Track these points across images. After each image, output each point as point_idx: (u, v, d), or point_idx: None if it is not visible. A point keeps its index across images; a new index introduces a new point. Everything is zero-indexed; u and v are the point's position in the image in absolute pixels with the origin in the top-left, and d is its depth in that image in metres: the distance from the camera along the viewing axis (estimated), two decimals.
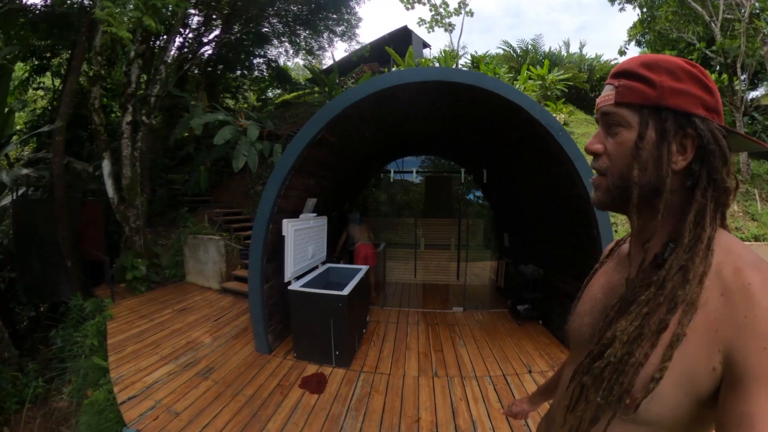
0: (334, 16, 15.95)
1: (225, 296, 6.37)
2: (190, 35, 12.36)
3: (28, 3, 9.31)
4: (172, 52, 8.60)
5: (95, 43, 6.86)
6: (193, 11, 12.22)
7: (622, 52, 24.71)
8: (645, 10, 21.57)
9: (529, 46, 17.84)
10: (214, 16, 11.92)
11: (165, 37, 9.03)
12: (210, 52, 13.54)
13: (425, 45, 22.71)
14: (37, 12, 9.70)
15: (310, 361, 4.01)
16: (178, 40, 11.67)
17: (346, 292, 3.90)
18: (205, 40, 12.26)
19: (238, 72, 16.20)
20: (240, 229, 8.07)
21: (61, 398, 5.57)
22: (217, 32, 12.42)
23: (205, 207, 9.12)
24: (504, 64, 16.11)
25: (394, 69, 15.29)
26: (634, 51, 24.81)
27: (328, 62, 19.10)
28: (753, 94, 14.63)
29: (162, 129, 12.69)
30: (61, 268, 7.77)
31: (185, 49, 11.84)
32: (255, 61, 16.43)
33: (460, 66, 15.85)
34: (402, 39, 19.75)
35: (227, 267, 6.76)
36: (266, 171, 9.37)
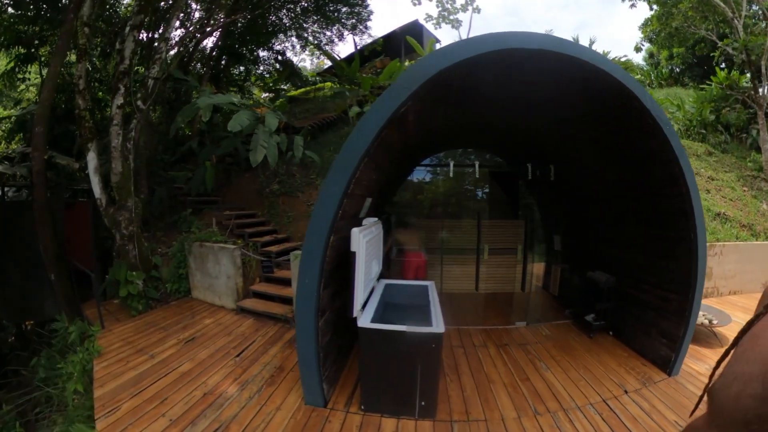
0: (344, 8, 15.12)
1: (243, 318, 5.15)
2: (191, 29, 11.19)
3: None
4: (174, 30, 7.44)
5: (82, 13, 5.68)
6: (194, 6, 11.16)
7: (638, 49, 24.10)
8: (656, 7, 20.81)
9: None
10: (216, 10, 10.74)
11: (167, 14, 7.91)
12: (214, 40, 12.44)
13: (435, 40, 21.83)
14: None
15: (384, 413, 2.95)
16: (179, 32, 10.50)
17: (439, 328, 2.80)
18: (209, 27, 11.05)
19: (242, 68, 15.19)
20: (255, 234, 6.84)
21: None
22: (221, 21, 11.25)
23: (211, 208, 7.90)
24: None
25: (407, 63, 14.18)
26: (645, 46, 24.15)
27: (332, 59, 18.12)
28: None
29: (162, 124, 11.49)
30: (45, 282, 6.60)
31: (188, 39, 10.64)
32: (262, 54, 15.39)
33: None
34: (413, 33, 18.86)
35: (244, 281, 5.54)
36: (281, 168, 8.19)
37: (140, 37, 7.27)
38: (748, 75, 13.19)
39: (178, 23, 10.23)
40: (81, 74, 5.63)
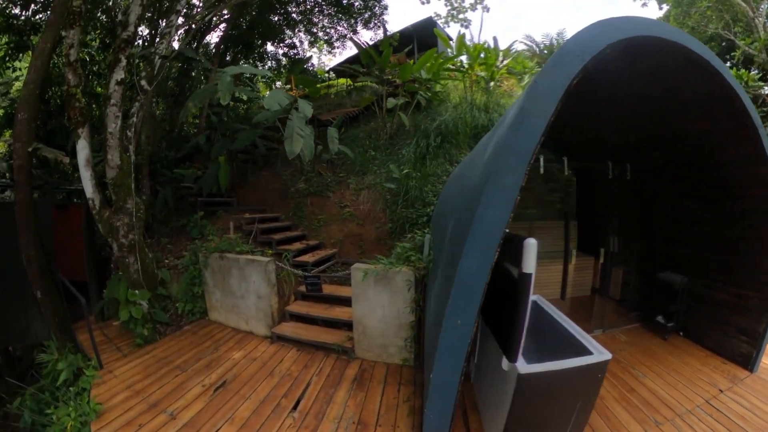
0: (358, 2, 14.45)
1: (282, 348, 4.00)
2: (199, 10, 10.17)
3: None
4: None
5: None
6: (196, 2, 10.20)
7: None
8: (666, 6, 20.28)
9: (554, 41, 16.62)
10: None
11: None
12: (219, 35, 11.49)
13: (448, 38, 21.14)
14: None
15: None
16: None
17: (604, 353, 2.27)
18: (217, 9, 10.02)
19: (246, 65, 14.30)
20: (284, 241, 5.72)
21: None
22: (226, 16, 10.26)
23: (226, 210, 6.78)
24: (531, 58, 14.93)
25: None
26: None
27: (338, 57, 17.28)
28: None
29: (165, 120, 10.42)
30: (31, 300, 5.48)
31: (198, 19, 9.60)
32: (269, 50, 14.48)
33: None
34: (427, 30, 18.15)
35: (279, 301, 4.41)
36: (307, 164, 7.11)
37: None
38: (754, 72, 12.87)
39: (180, 20, 9.21)
40: (73, 42, 4.53)
